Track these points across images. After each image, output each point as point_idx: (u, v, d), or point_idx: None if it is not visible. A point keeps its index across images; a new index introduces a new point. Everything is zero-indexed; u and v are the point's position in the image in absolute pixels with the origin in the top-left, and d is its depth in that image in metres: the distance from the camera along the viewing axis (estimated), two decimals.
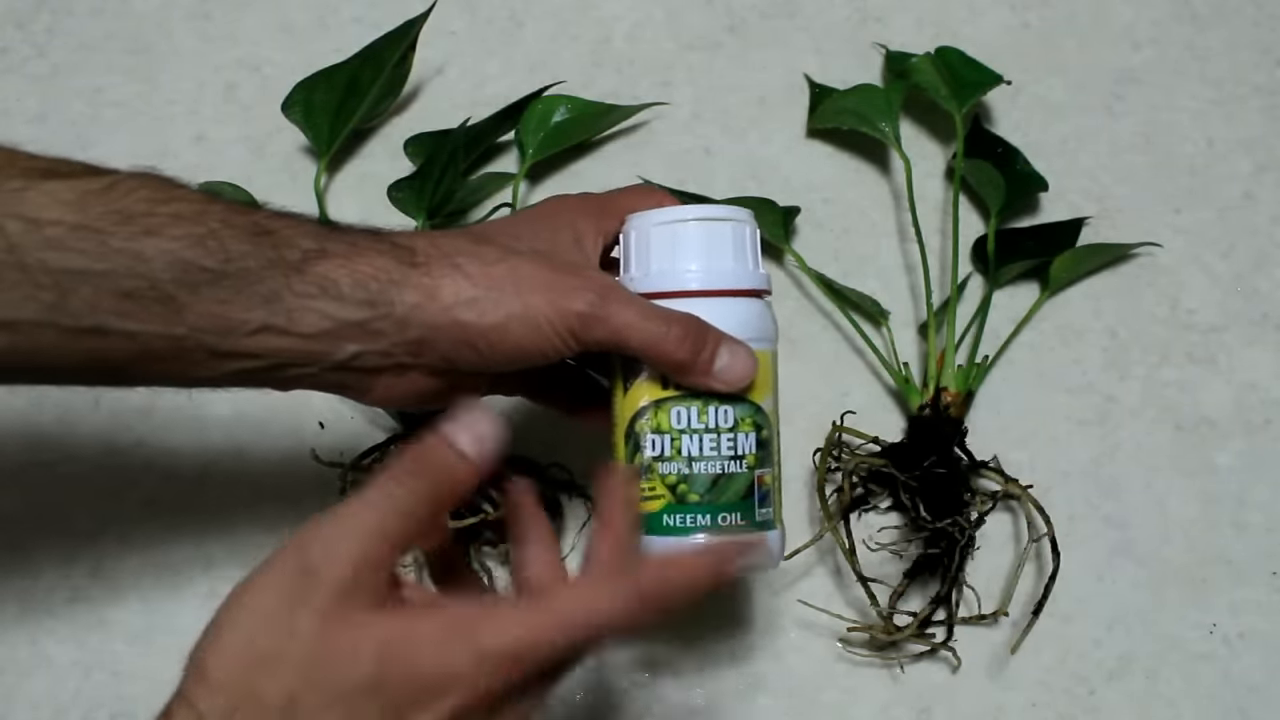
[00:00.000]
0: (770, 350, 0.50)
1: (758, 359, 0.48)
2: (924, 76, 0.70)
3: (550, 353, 0.46)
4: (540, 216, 0.51)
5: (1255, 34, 0.76)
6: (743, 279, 0.49)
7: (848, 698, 0.60)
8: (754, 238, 0.50)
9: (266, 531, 0.61)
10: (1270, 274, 0.69)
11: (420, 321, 0.45)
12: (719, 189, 0.70)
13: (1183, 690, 0.60)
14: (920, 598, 0.60)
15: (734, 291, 0.49)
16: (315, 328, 0.44)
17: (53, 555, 0.61)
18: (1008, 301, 0.67)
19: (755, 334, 0.49)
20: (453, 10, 0.74)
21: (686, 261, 0.49)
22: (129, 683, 0.59)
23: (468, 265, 0.46)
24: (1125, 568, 0.62)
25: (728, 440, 0.48)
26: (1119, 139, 0.73)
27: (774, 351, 0.50)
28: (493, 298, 0.45)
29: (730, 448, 0.48)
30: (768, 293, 0.51)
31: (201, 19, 0.75)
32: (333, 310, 0.44)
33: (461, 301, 0.45)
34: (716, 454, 0.48)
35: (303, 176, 0.69)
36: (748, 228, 0.50)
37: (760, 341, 0.49)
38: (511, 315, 0.45)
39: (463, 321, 0.45)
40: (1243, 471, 0.64)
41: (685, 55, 0.75)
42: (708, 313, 0.48)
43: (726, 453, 0.48)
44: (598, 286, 0.47)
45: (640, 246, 0.50)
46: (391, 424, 0.62)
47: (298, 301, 0.44)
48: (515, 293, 0.46)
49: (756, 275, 0.50)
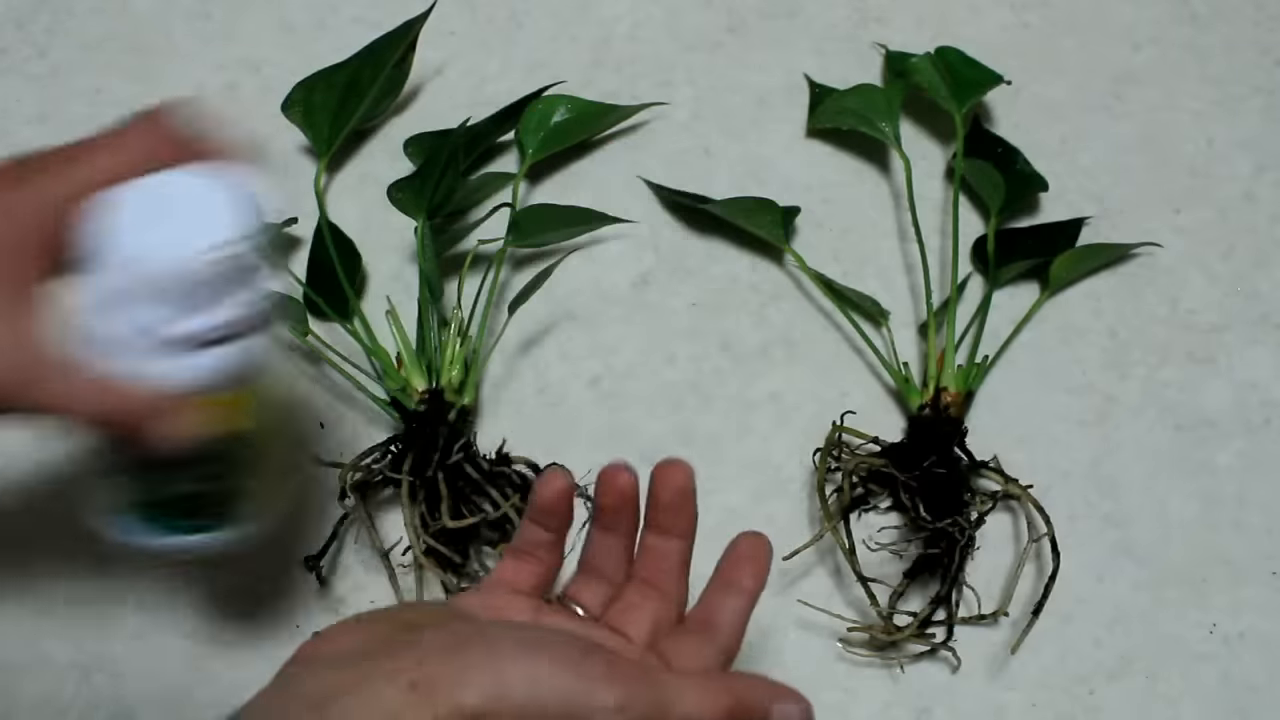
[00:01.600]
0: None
1: None
2: (924, 76, 0.70)
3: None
4: None
5: (1255, 34, 0.76)
6: None
7: (848, 698, 0.60)
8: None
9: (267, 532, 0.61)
10: (1270, 274, 0.69)
11: None
12: (719, 189, 0.70)
13: (1183, 690, 0.60)
14: (920, 598, 0.60)
15: None
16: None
17: (52, 554, 0.61)
18: (1008, 301, 0.67)
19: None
20: (453, 10, 0.74)
21: None
22: (128, 683, 0.59)
23: None
24: (1125, 568, 0.62)
25: None
26: (1119, 139, 0.73)
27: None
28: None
29: None
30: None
31: (201, 19, 0.75)
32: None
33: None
34: None
35: (303, 176, 0.69)
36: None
37: None
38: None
39: None
40: (1243, 471, 0.64)
41: (685, 55, 0.75)
42: None
43: None
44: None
45: None
46: (392, 424, 0.62)
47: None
48: None
49: None
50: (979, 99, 0.70)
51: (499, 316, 0.66)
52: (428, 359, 0.62)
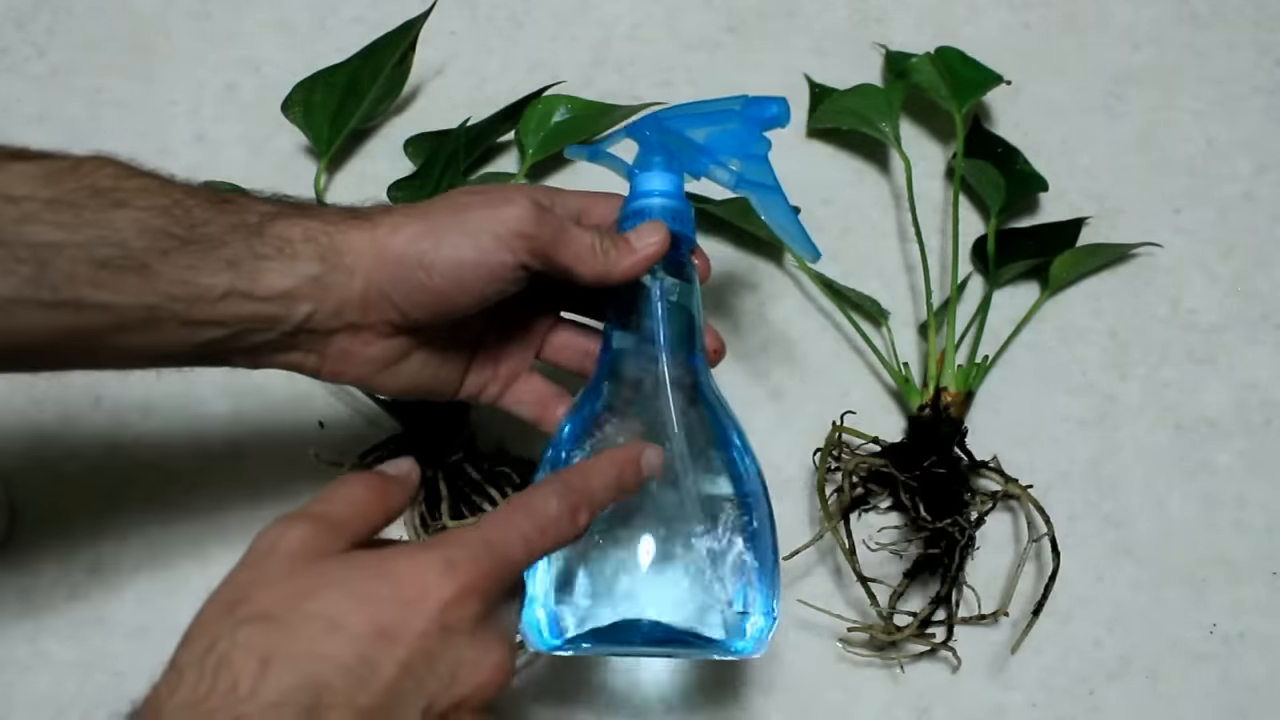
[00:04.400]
0: None
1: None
2: (924, 76, 0.70)
3: (500, 269, 0.46)
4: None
5: (1255, 34, 0.76)
6: None
7: (848, 698, 0.60)
8: None
9: None
10: (1270, 274, 0.69)
11: (366, 268, 0.46)
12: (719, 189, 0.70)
13: (1183, 690, 0.60)
14: (920, 598, 0.60)
15: None
16: (274, 288, 0.45)
17: (52, 553, 0.61)
18: (1007, 301, 0.67)
19: None
20: (453, 10, 0.74)
21: None
22: (129, 681, 0.59)
23: (408, 211, 0.47)
24: (1125, 568, 0.62)
25: None
26: (1119, 139, 0.73)
27: None
28: (431, 227, 0.46)
29: None
30: None
31: (201, 19, 0.75)
32: (288, 268, 0.45)
33: (402, 239, 0.46)
34: None
35: (303, 176, 0.69)
36: None
37: None
38: (452, 237, 0.46)
39: (404, 256, 0.46)
40: (1243, 471, 0.64)
41: (685, 55, 0.75)
42: None
43: None
44: (534, 191, 0.48)
45: None
46: (392, 424, 0.62)
47: (258, 264, 0.45)
48: (453, 217, 0.46)
49: None
50: (979, 99, 0.70)
51: None
52: None
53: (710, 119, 0.53)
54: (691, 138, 0.53)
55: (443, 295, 0.47)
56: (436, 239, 0.46)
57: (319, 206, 0.48)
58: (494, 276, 0.47)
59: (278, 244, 0.45)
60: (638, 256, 0.49)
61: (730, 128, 0.53)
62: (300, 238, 0.46)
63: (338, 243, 0.46)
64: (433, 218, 0.47)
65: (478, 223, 0.46)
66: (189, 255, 0.44)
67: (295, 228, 0.46)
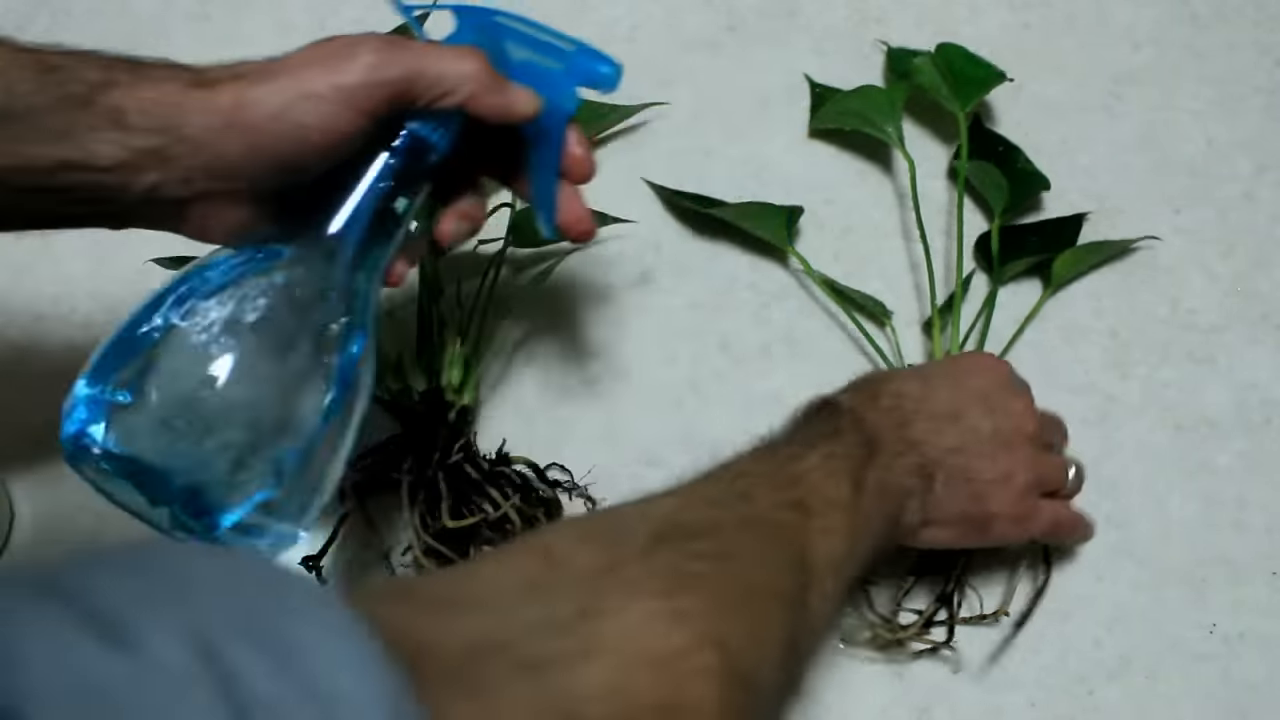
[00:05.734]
0: None
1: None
2: (926, 77, 0.70)
3: (342, 123, 0.45)
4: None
5: (1255, 34, 0.76)
6: None
7: (848, 698, 0.59)
8: None
9: None
10: (1270, 274, 0.69)
11: (208, 139, 0.45)
12: (719, 189, 0.70)
13: (1183, 690, 0.60)
14: (923, 597, 0.60)
15: None
16: (112, 159, 0.44)
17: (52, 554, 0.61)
18: (1010, 300, 0.67)
19: None
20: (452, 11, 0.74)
21: None
22: None
23: (253, 77, 0.46)
24: (1125, 568, 0.62)
25: None
26: (1119, 139, 0.73)
27: None
28: (269, 88, 0.45)
29: None
30: None
31: (201, 19, 0.75)
32: (124, 140, 0.44)
33: (242, 104, 0.45)
34: None
35: None
36: None
37: None
38: (289, 95, 0.45)
39: (244, 121, 0.45)
40: (1243, 471, 0.64)
41: (685, 55, 0.75)
42: None
43: None
44: (380, 39, 0.47)
45: None
46: (392, 425, 0.62)
47: (90, 135, 0.44)
48: (291, 75, 0.45)
49: None
50: (981, 97, 0.70)
51: (499, 317, 0.66)
52: (428, 359, 0.62)
53: (538, 46, 0.51)
54: (508, 53, 0.50)
55: (290, 161, 0.46)
56: (280, 105, 0.45)
57: (157, 67, 0.46)
58: (341, 136, 0.46)
59: (111, 116, 0.44)
60: (528, 94, 0.48)
61: (551, 66, 0.51)
62: (135, 109, 0.44)
63: (177, 113, 0.44)
64: (276, 78, 0.45)
65: (316, 77, 0.45)
66: (11, 127, 0.43)
67: (129, 99, 0.44)
